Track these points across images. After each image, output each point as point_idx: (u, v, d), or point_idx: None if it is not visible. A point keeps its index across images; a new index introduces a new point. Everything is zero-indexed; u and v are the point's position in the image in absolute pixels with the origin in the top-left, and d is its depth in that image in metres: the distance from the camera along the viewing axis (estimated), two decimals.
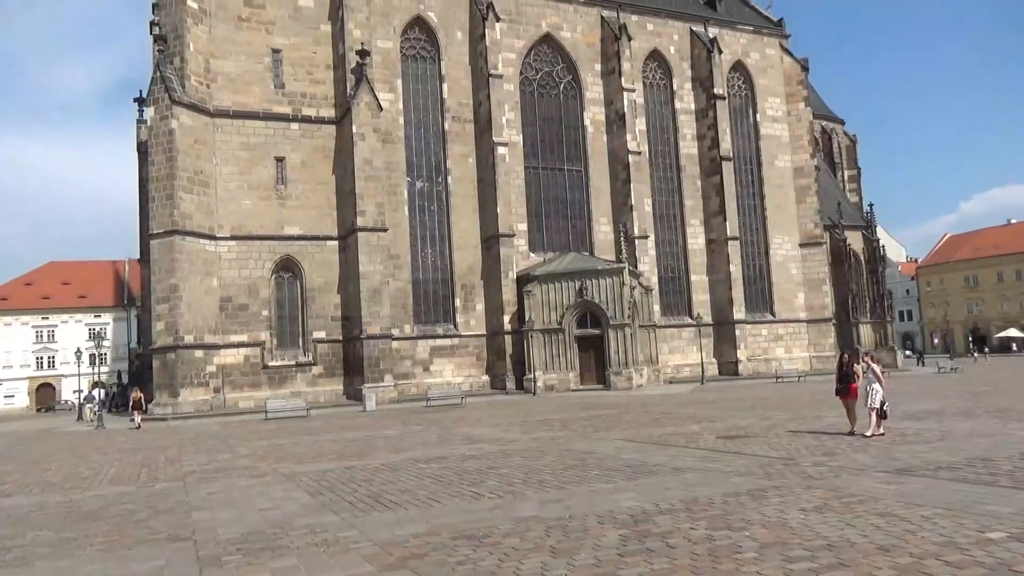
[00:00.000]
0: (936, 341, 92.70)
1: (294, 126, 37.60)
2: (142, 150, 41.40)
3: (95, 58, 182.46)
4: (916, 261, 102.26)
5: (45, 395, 67.73)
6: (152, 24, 39.45)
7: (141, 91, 40.64)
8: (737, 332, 45.68)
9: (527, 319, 38.64)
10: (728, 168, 46.77)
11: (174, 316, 33.03)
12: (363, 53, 37.03)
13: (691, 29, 48.31)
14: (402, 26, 40.39)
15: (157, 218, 33.69)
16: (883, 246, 58.07)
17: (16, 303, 68.34)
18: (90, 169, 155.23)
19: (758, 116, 50.10)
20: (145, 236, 37.88)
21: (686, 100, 48.06)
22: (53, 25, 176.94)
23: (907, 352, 74.07)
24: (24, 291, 69.86)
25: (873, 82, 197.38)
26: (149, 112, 34.70)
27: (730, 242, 46.10)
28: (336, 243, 37.68)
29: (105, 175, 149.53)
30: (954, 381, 34.99)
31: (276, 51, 37.61)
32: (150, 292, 36.00)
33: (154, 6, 38.01)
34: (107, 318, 70.10)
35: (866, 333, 52.35)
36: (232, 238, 35.77)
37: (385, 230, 37.01)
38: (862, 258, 54.87)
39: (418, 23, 40.95)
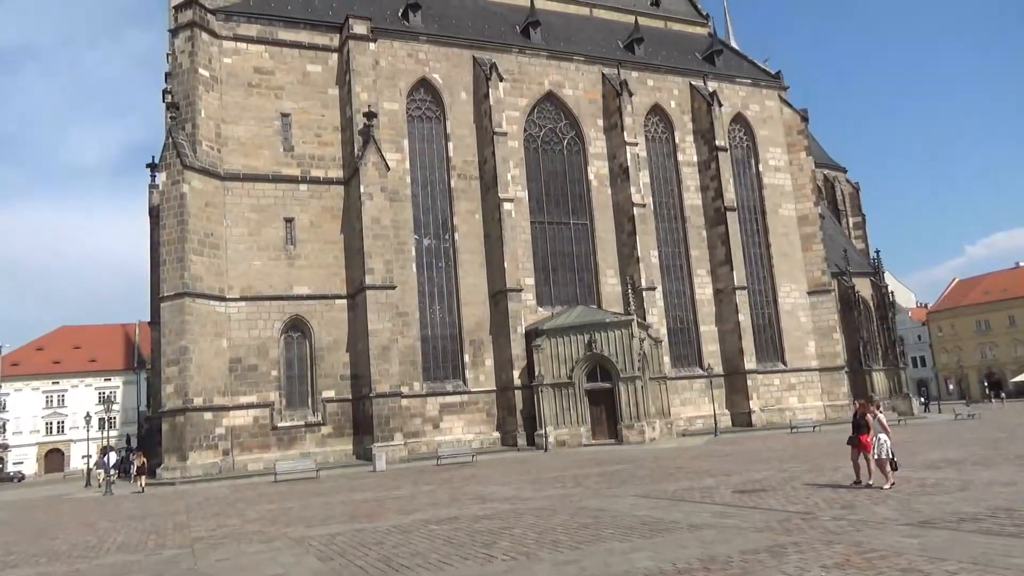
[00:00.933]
0: (951, 387, 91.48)
1: (303, 187, 38.19)
2: (154, 214, 42.05)
3: (108, 125, 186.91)
4: (926, 306, 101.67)
5: (54, 461, 67.36)
6: (165, 92, 40.60)
7: (154, 157, 41.61)
8: (749, 382, 45.25)
9: (537, 374, 38.44)
10: (733, 218, 47.04)
11: (183, 378, 33.03)
12: (370, 115, 37.83)
13: (691, 83, 49.23)
14: (408, 88, 41.31)
15: (168, 281, 33.99)
16: (892, 292, 57.87)
17: (27, 368, 68.58)
18: (104, 233, 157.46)
19: (760, 166, 50.61)
20: (156, 299, 38.15)
21: (688, 152, 48.66)
22: (67, 93, 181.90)
23: (922, 399, 73.07)
24: (35, 356, 70.18)
25: (873, 130, 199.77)
26: (161, 177, 35.34)
27: (738, 291, 46.06)
28: (345, 301, 37.84)
29: (119, 239, 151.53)
30: (971, 428, 34.42)
31: (285, 115, 38.47)
32: (160, 355, 36.07)
33: (167, 75, 39.18)
34: (117, 381, 70.21)
35: (879, 380, 51.79)
36: (242, 299, 35.99)
37: (393, 287, 37.19)
38: (871, 305, 54.65)
39: (423, 85, 41.89)
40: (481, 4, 48.92)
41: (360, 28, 39.43)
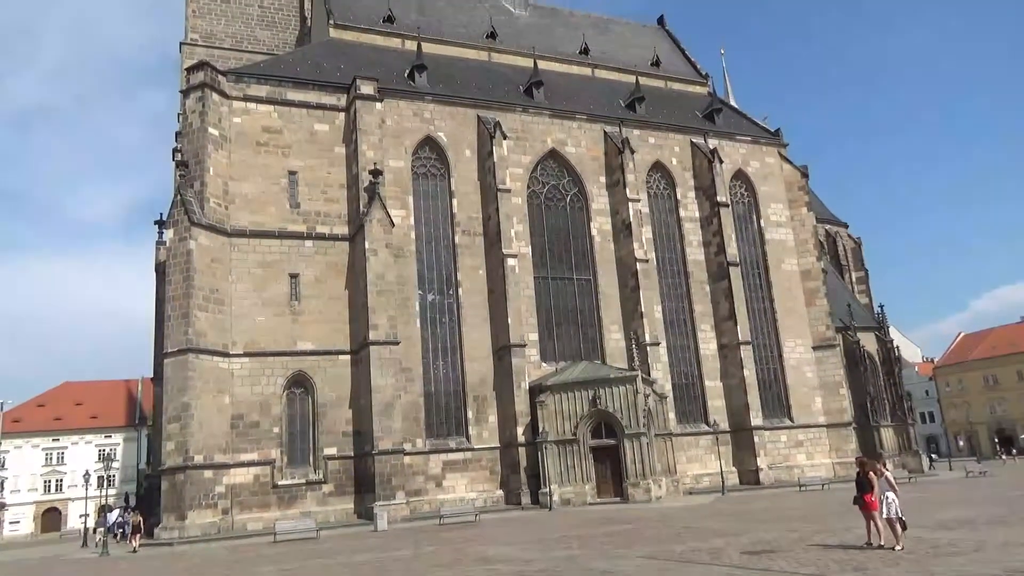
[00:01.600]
0: (961, 443, 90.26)
1: (308, 243, 38.47)
2: (160, 271, 42.32)
3: (117, 183, 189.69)
4: (932, 361, 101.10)
5: (51, 520, 66.27)
6: (175, 151, 41.39)
7: (162, 214, 42.11)
8: (756, 439, 44.61)
9: (541, 430, 38.02)
10: (736, 273, 47.13)
11: (185, 435, 32.71)
12: (376, 172, 38.34)
13: (692, 141, 49.94)
14: (413, 146, 41.98)
15: (172, 336, 33.98)
16: (898, 347, 57.57)
17: (28, 425, 68.07)
18: (110, 290, 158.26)
19: (762, 222, 50.94)
20: (159, 355, 38.10)
21: (690, 208, 49.07)
22: (79, 151, 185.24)
23: (933, 456, 71.87)
24: (37, 412, 69.77)
25: (874, 185, 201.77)
26: (168, 234, 35.61)
27: (742, 347, 45.82)
28: (348, 357, 37.70)
29: (125, 296, 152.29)
30: (983, 486, 33.83)
31: (292, 173, 39.00)
32: (162, 411, 35.82)
33: (177, 134, 39.99)
34: (117, 438, 69.61)
35: (888, 437, 51.01)
36: (245, 354, 35.88)
37: (397, 343, 37.10)
38: (877, 360, 54.23)
39: (428, 143, 42.58)
40: (486, 65, 50.14)
41: (367, 88, 40.30)
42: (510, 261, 40.77)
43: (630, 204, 44.98)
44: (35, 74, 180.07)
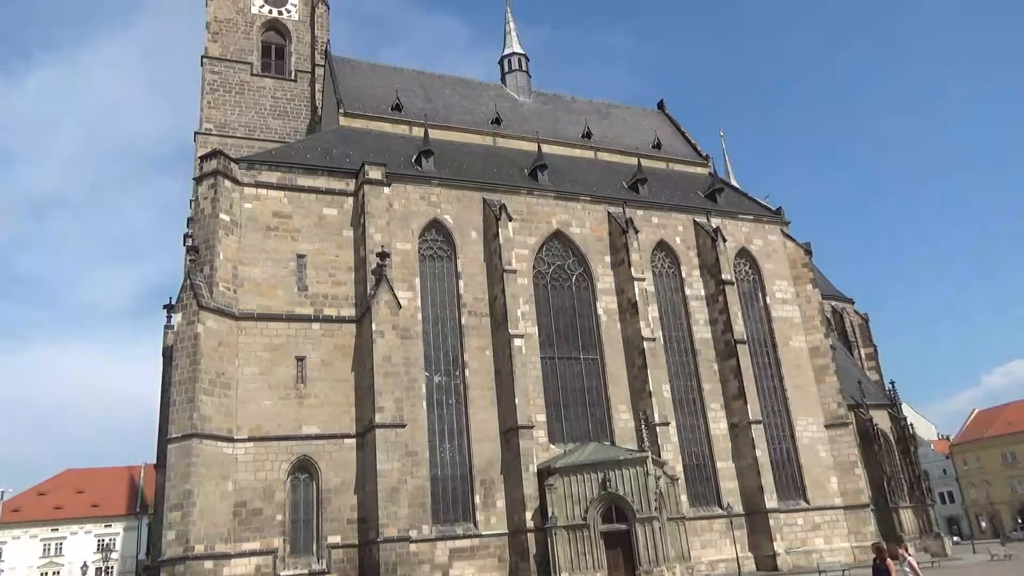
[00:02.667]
0: (984, 524, 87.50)
1: (315, 326, 38.54)
2: (167, 355, 42.29)
3: (125, 268, 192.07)
4: (948, 439, 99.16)
5: None
6: (186, 236, 42.04)
7: (171, 298, 42.47)
8: (771, 522, 43.28)
9: (550, 515, 37.06)
10: (743, 351, 46.80)
11: (186, 524, 31.95)
12: (383, 255, 38.78)
13: (695, 220, 50.48)
14: (420, 229, 42.58)
15: (176, 422, 33.67)
16: (912, 424, 56.56)
17: (27, 515, 66.73)
18: (116, 374, 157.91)
19: (767, 299, 50.89)
20: (163, 441, 37.61)
21: (695, 286, 49.19)
22: (90, 237, 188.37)
23: (956, 538, 69.50)
24: (37, 501, 68.50)
25: (878, 261, 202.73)
26: (177, 318, 35.77)
27: (753, 426, 45.05)
28: (354, 441, 37.17)
29: (131, 380, 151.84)
30: (1010, 571, 32.60)
31: (301, 256, 39.45)
32: (163, 499, 35.11)
33: (189, 220, 40.73)
34: (118, 527, 68.06)
35: (908, 519, 49.49)
36: (250, 439, 35.40)
37: (403, 426, 36.64)
38: (891, 438, 53.20)
39: (435, 225, 43.19)
40: (491, 150, 51.37)
41: (375, 173, 41.19)
42: (517, 341, 40.69)
43: (635, 283, 45.16)
44: (53, 163, 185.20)
